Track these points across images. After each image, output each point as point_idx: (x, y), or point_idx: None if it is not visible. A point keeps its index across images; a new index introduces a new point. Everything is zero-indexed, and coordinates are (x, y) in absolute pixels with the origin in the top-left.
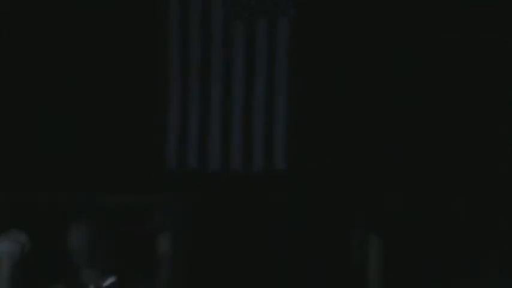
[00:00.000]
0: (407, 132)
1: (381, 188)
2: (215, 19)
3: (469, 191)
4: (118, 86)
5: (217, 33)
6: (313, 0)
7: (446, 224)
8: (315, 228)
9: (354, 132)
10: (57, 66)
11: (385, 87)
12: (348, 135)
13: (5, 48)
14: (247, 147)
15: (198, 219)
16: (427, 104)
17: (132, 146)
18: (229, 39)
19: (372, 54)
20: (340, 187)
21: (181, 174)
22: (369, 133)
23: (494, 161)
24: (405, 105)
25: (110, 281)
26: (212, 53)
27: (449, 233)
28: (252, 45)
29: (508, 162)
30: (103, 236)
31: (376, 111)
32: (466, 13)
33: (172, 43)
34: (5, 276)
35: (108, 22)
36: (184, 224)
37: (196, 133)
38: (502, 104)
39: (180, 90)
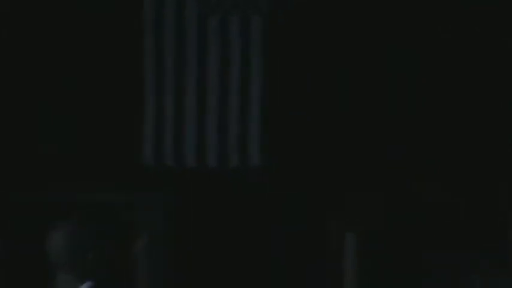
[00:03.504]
0: (407, 132)
1: (381, 187)
2: (190, 15)
3: (469, 191)
4: (96, 86)
5: (192, 30)
6: None
7: (446, 224)
8: (312, 229)
9: (353, 132)
10: (57, 66)
11: (385, 87)
12: (347, 134)
13: (5, 48)
14: (222, 144)
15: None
16: (427, 104)
17: (110, 145)
18: (204, 36)
19: (366, 53)
20: (340, 187)
21: (159, 171)
22: (369, 133)
23: (494, 161)
24: (405, 105)
25: (86, 285)
26: (187, 50)
27: (449, 232)
28: (226, 43)
29: (508, 162)
30: (81, 237)
31: (376, 111)
32: (466, 13)
33: (147, 40)
34: None
35: (108, 21)
36: (166, 223)
37: (172, 130)
38: (502, 104)
39: (155, 89)
